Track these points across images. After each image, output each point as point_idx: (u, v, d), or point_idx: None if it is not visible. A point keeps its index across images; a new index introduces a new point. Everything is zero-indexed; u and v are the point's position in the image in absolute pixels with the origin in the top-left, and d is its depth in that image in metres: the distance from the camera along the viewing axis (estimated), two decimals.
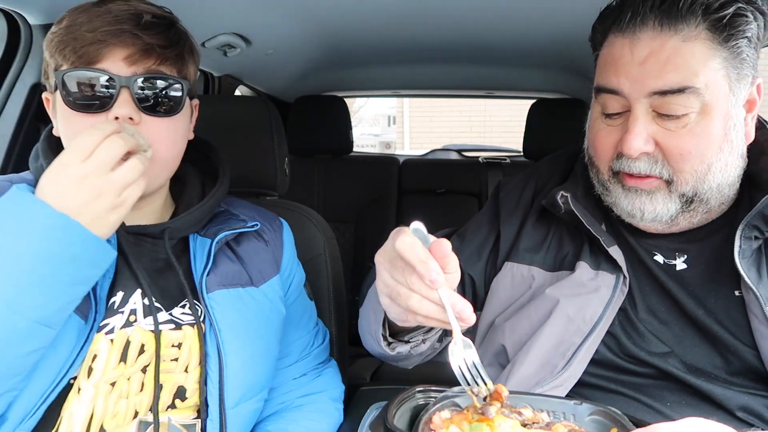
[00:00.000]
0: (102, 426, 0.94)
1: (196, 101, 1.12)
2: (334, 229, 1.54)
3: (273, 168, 1.44)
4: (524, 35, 2.01)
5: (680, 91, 0.88)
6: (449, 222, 1.28)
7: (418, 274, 0.72)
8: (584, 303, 0.98)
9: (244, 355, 1.05)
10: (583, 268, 1.02)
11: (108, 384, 0.95)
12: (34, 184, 0.99)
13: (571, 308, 0.99)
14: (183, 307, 1.03)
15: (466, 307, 0.73)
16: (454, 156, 3.60)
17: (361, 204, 2.83)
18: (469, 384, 0.76)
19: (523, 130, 2.88)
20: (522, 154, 2.96)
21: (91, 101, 0.94)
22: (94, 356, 0.94)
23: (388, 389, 1.45)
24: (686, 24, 0.88)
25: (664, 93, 0.88)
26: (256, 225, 1.15)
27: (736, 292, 0.95)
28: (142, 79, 0.95)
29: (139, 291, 0.99)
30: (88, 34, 0.92)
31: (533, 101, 2.88)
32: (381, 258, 0.79)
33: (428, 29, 1.95)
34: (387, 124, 19.01)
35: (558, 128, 2.70)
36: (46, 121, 1.41)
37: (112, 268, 0.97)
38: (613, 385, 0.99)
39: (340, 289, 1.47)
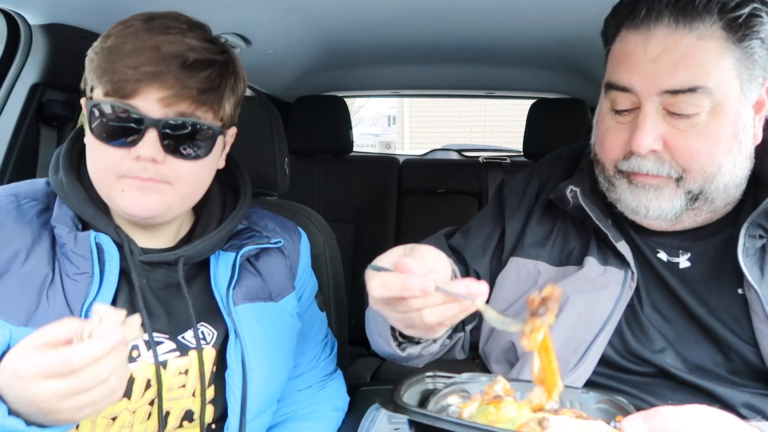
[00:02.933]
0: None
1: (233, 130, 1.08)
2: (334, 229, 1.54)
3: (273, 168, 1.44)
4: (524, 35, 2.01)
5: (692, 90, 0.87)
6: (449, 222, 1.28)
7: (408, 298, 0.71)
8: (594, 299, 0.98)
9: (266, 368, 1.04)
10: (592, 264, 1.01)
11: (108, 419, 0.93)
12: (45, 199, 0.99)
13: (582, 304, 0.98)
14: (197, 330, 1.02)
15: (470, 284, 0.72)
16: (454, 156, 3.60)
17: (361, 204, 2.83)
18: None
19: (523, 130, 2.88)
20: (522, 154, 2.96)
21: (118, 136, 0.91)
22: None
23: (388, 389, 1.45)
24: (702, 22, 0.87)
25: (675, 92, 0.88)
26: (280, 242, 1.14)
27: (739, 291, 0.95)
28: (172, 122, 0.91)
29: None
30: (129, 70, 0.88)
31: (533, 101, 2.88)
32: (375, 305, 0.78)
33: (428, 29, 1.95)
34: (387, 124, 18.99)
35: (558, 128, 2.70)
36: (46, 121, 1.42)
37: (107, 300, 0.93)
38: (616, 383, 0.99)
39: (340, 289, 1.47)
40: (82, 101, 0.97)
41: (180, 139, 0.93)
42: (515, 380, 0.82)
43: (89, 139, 0.94)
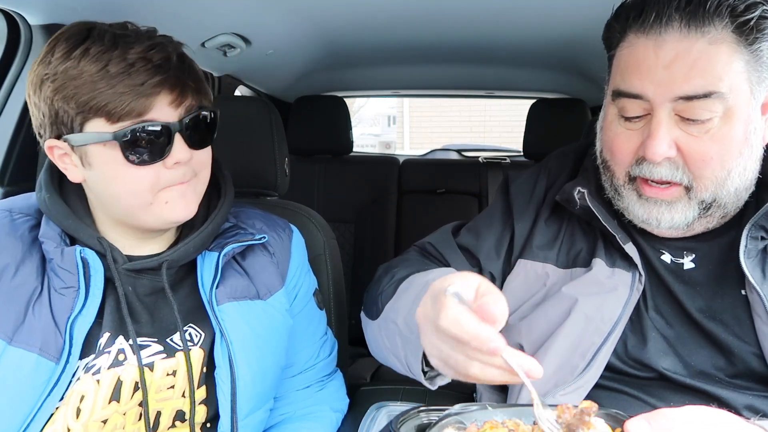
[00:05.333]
0: None
1: None
2: (334, 229, 1.54)
3: (273, 168, 1.44)
4: (524, 35, 2.01)
5: (706, 96, 0.86)
6: (449, 222, 1.28)
7: (474, 348, 0.66)
8: (602, 302, 0.97)
9: (254, 366, 1.05)
10: (600, 266, 1.00)
11: (99, 422, 0.95)
12: (37, 215, 1.01)
13: (590, 307, 0.97)
14: (184, 333, 1.03)
15: (533, 365, 0.66)
16: (454, 156, 3.60)
17: (361, 204, 2.83)
18: None
19: (523, 130, 2.88)
20: (522, 154, 2.96)
21: (151, 154, 0.92)
22: (82, 397, 0.94)
23: (388, 389, 1.45)
24: (713, 26, 0.86)
25: (689, 98, 0.86)
26: (264, 238, 1.14)
27: (742, 292, 0.94)
28: (188, 120, 0.95)
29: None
30: (137, 87, 0.88)
31: (533, 101, 2.88)
32: (424, 322, 0.72)
33: (428, 29, 1.95)
34: (387, 124, 18.99)
35: (558, 128, 2.70)
36: None
37: (92, 313, 0.95)
38: (617, 384, 0.99)
39: (340, 289, 1.47)
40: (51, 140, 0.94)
41: (198, 132, 0.98)
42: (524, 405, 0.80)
43: (118, 170, 0.93)
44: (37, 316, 0.92)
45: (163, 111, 0.92)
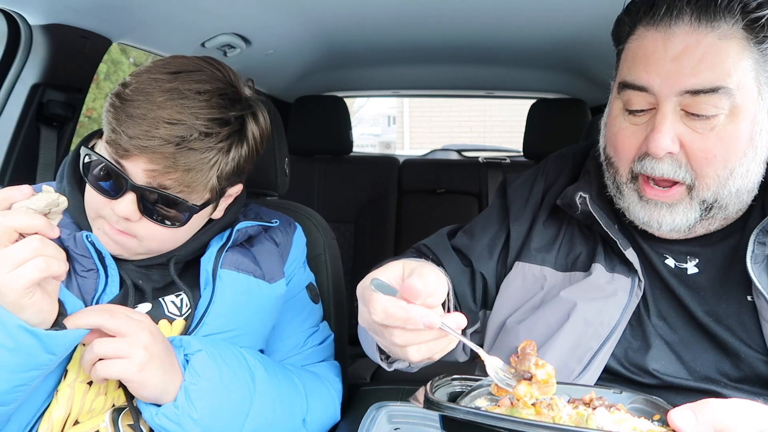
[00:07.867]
0: (77, 420, 0.96)
1: (238, 188, 1.11)
2: (334, 229, 1.54)
3: (273, 168, 1.44)
4: (524, 35, 2.01)
5: (713, 90, 0.85)
6: (449, 222, 1.28)
7: (410, 330, 0.71)
8: (602, 306, 0.97)
9: (225, 335, 1.05)
10: (599, 271, 1.00)
11: (85, 383, 0.96)
12: None
13: (589, 312, 0.97)
14: (178, 297, 1.05)
15: (460, 319, 0.73)
16: (454, 156, 3.61)
17: (361, 204, 2.83)
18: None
19: (523, 130, 2.88)
20: (522, 154, 2.96)
21: (102, 186, 0.96)
22: (70, 359, 0.96)
23: (388, 389, 1.45)
24: (723, 21, 0.85)
25: (696, 92, 0.86)
26: (276, 222, 1.19)
27: (748, 298, 0.93)
28: (150, 191, 0.95)
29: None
30: (125, 136, 0.92)
31: (533, 101, 2.88)
32: (364, 324, 0.77)
33: (428, 29, 1.95)
34: (387, 124, 19.00)
35: (558, 128, 2.70)
36: (46, 121, 1.42)
37: (114, 291, 0.99)
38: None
39: (340, 289, 1.47)
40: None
41: (156, 207, 0.98)
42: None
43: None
44: (68, 296, 0.97)
45: (137, 170, 0.95)
